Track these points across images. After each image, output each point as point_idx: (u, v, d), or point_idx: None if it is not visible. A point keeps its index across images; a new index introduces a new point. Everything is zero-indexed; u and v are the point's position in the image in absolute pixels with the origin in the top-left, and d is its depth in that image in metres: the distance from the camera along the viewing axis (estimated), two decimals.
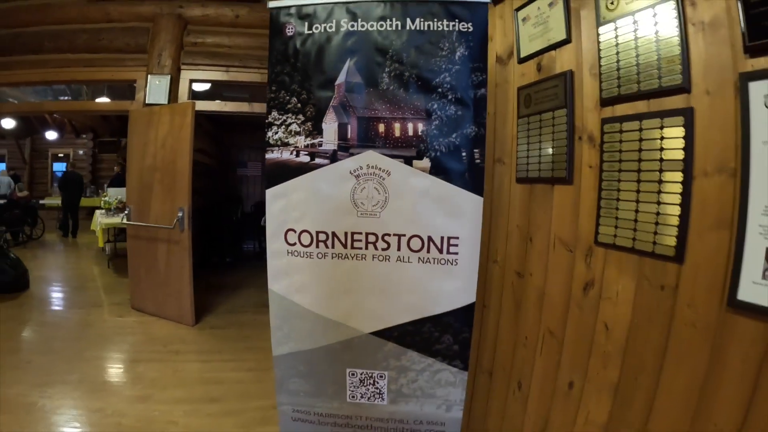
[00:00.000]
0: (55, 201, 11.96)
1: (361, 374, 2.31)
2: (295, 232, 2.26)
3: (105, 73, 5.17)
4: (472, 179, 2.13)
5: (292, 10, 2.26)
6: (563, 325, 1.92)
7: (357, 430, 2.40)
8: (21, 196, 10.45)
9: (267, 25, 4.88)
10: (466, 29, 2.10)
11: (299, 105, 2.26)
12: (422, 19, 2.13)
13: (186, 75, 5.13)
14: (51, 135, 15.63)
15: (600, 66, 1.71)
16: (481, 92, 2.12)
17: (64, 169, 15.71)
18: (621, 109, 1.63)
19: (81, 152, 16.13)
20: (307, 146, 2.24)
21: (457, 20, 2.10)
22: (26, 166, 16.14)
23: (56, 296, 5.85)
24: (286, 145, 2.27)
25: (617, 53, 1.63)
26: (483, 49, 2.13)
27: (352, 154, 2.19)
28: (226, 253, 7.98)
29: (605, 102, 1.70)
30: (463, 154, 2.14)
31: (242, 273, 7.50)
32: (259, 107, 5.25)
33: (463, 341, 2.22)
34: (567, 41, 1.92)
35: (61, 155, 16.37)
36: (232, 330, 4.73)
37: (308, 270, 2.27)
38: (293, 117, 2.27)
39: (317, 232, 2.23)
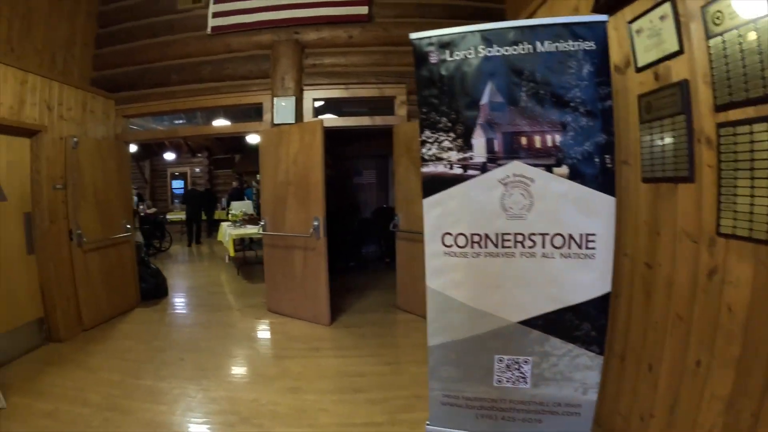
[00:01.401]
0: (179, 216, 13.54)
1: (508, 360, 2.55)
2: (451, 235, 2.57)
3: (231, 99, 5.84)
4: (605, 182, 2.34)
5: (433, 40, 2.58)
6: (690, 309, 2.10)
7: (501, 412, 2.62)
8: (149, 212, 11.69)
9: (379, 42, 5.82)
10: (589, 47, 2.31)
11: (449, 124, 2.54)
12: (550, 41, 2.40)
13: (309, 95, 5.65)
14: (169, 156, 16.89)
15: (712, 75, 1.90)
16: (607, 103, 2.34)
17: (182, 186, 17.36)
18: (734, 115, 1.82)
19: (197, 170, 17.43)
20: (459, 160, 2.55)
21: (580, 40, 2.32)
22: (147, 185, 17.49)
23: (194, 301, 6.72)
24: (440, 159, 2.57)
25: (726, 64, 1.81)
26: (606, 64, 2.32)
27: (499, 165, 2.46)
28: (349, 257, 8.42)
29: (719, 108, 1.89)
30: (596, 159, 2.35)
31: (366, 276, 8.01)
32: (380, 120, 5.76)
33: (600, 328, 2.42)
34: (680, 52, 2.11)
35: (178, 174, 17.71)
36: (366, 328, 5.10)
37: (463, 268, 2.57)
38: (444, 135, 2.55)
39: (471, 234, 2.53)
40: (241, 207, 9.43)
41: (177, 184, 17.84)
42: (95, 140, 5.51)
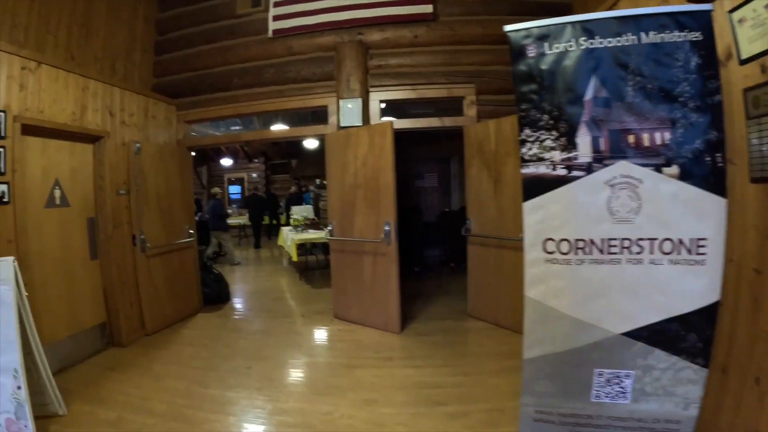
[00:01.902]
0: (237, 220, 13.68)
1: (609, 374, 2.41)
2: (553, 241, 2.43)
3: (295, 102, 5.72)
4: (716, 182, 2.21)
5: (531, 32, 2.44)
6: None
7: (597, 429, 2.48)
8: (208, 218, 11.73)
9: (446, 41, 5.38)
10: (695, 38, 2.21)
11: (551, 121, 2.43)
12: (655, 32, 2.24)
13: (375, 96, 5.50)
14: (226, 162, 17.30)
15: None
16: (717, 98, 2.20)
17: (239, 191, 17.81)
18: None
19: (254, 175, 17.77)
20: (563, 160, 2.41)
21: (686, 30, 2.21)
22: (205, 191, 17.95)
23: (257, 306, 6.58)
24: (542, 159, 2.45)
25: None
26: (713, 56, 2.21)
27: (606, 165, 2.33)
28: (413, 262, 8.12)
29: None
30: (707, 158, 2.22)
31: (431, 281, 7.71)
32: (449, 121, 5.51)
33: (707, 339, 2.28)
34: None
35: (234, 179, 18.12)
36: (438, 336, 4.83)
37: (565, 276, 2.42)
38: (546, 133, 2.44)
39: (576, 240, 2.39)
40: (302, 211, 9.34)
41: (234, 190, 18.24)
42: (157, 145, 5.50)
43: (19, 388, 2.87)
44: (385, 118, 5.35)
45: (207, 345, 4.84)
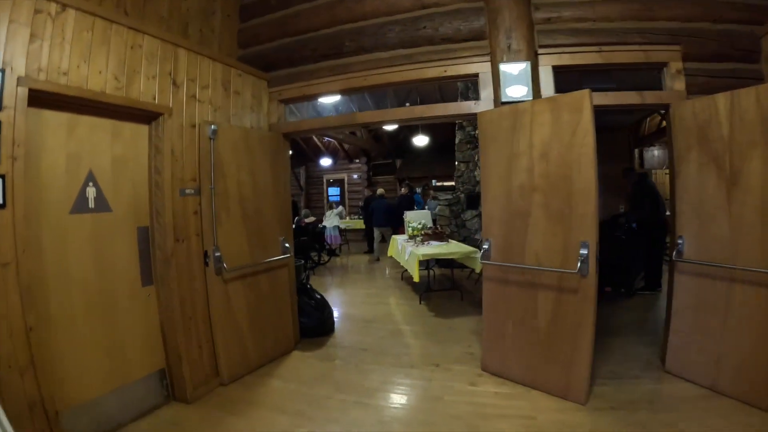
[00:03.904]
0: (347, 224, 12.69)
1: None
2: None
3: (431, 70, 4.09)
4: None
5: None
6: None
7: None
8: (308, 222, 10.54)
9: None
10: None
11: None
12: None
13: (546, 60, 3.79)
14: (325, 162, 16.50)
15: None
16: None
17: (338, 194, 17.16)
18: None
19: (355, 176, 16.91)
20: None
21: None
22: (302, 193, 17.48)
23: (371, 345, 4.77)
24: None
25: None
26: None
27: None
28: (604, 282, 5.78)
29: None
30: None
31: (614, 308, 5.68)
32: (651, 96, 3.73)
33: None
34: None
35: (333, 180, 17.40)
36: (643, 412, 3.10)
37: None
38: None
39: None
40: (420, 218, 7.68)
41: (333, 192, 17.56)
42: (242, 130, 4.09)
43: None
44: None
45: (305, 413, 3.33)
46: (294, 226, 10.27)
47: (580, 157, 3.09)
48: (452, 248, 6.28)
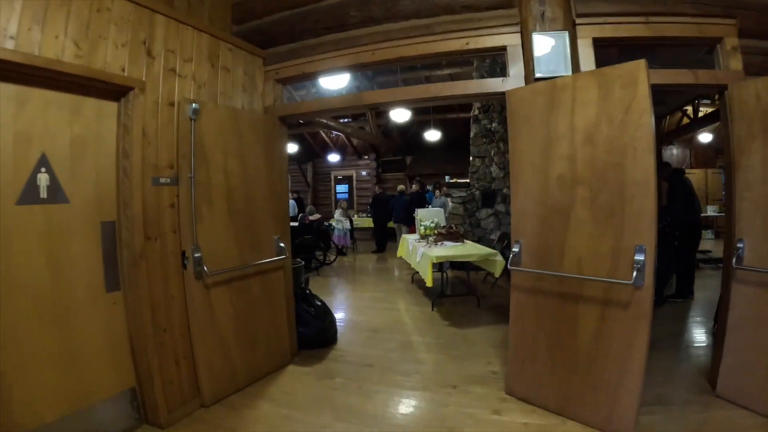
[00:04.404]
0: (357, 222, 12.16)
1: None
2: None
3: (451, 43, 3.51)
4: None
5: None
6: None
7: None
8: (313, 219, 10.00)
9: None
10: None
11: None
12: None
13: (585, 32, 3.20)
14: (333, 158, 16.11)
15: None
16: None
17: (346, 191, 16.78)
18: None
19: (364, 173, 16.48)
20: None
21: None
22: (309, 189, 17.14)
23: (378, 361, 4.13)
24: None
25: None
26: None
27: None
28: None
29: None
30: None
31: (660, 319, 4.93)
32: (706, 76, 3.17)
33: None
34: None
35: (342, 177, 16.99)
36: None
37: None
38: None
39: None
40: (432, 215, 7.10)
41: (341, 189, 17.18)
42: (230, 110, 3.55)
43: None
44: None
45: None
46: (297, 223, 9.83)
47: (635, 140, 2.51)
48: (469, 250, 5.69)
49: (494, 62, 8.14)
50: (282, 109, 4.05)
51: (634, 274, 2.44)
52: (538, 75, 3.07)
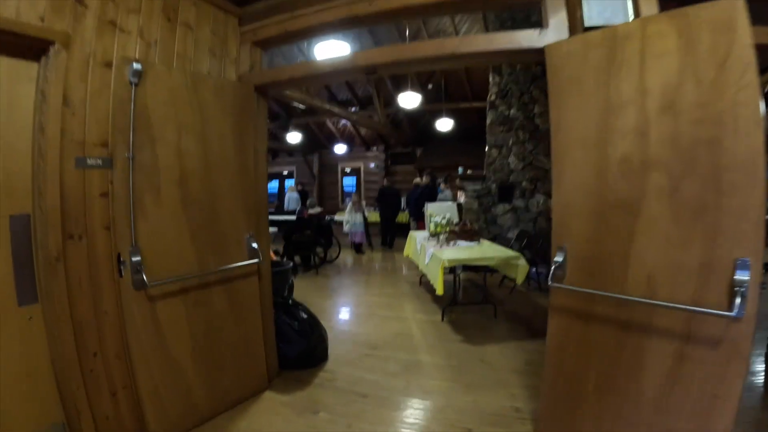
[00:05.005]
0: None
1: None
2: None
3: None
4: None
5: None
6: None
7: None
8: (313, 213, 9.13)
9: None
10: None
11: None
12: None
13: None
14: (340, 149, 15.55)
15: None
16: None
17: (354, 183, 16.32)
18: None
19: (372, 165, 15.94)
20: None
21: None
22: (315, 182, 16.60)
23: (373, 389, 3.36)
24: None
25: None
26: None
27: None
28: None
29: None
30: None
31: None
32: None
33: None
34: None
35: (349, 170, 16.48)
36: None
37: None
38: None
39: None
40: (444, 210, 6.34)
41: (349, 181, 16.68)
42: (186, 75, 2.80)
43: None
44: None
45: None
46: (295, 217, 9.10)
47: (736, 107, 1.74)
48: (486, 251, 4.89)
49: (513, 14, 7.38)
50: (259, 77, 3.29)
51: (737, 301, 1.68)
52: (589, 23, 2.29)
